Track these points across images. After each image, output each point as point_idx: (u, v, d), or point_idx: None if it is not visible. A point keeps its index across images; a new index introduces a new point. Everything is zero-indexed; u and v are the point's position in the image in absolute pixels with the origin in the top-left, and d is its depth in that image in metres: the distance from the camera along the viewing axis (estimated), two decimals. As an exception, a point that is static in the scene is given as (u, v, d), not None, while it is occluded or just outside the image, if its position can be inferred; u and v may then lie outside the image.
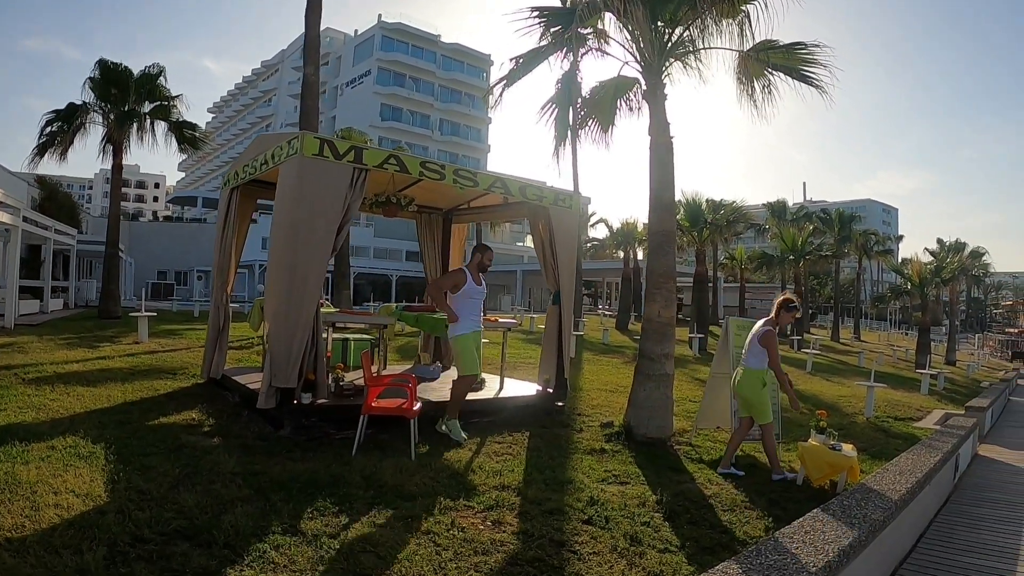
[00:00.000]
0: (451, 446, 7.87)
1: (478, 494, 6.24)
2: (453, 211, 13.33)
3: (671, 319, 9.04)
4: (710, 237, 30.19)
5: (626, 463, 7.81)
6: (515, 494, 6.36)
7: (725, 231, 31.73)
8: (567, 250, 10.24)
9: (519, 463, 7.43)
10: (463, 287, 8.22)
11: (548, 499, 6.28)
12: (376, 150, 8.36)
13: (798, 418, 11.03)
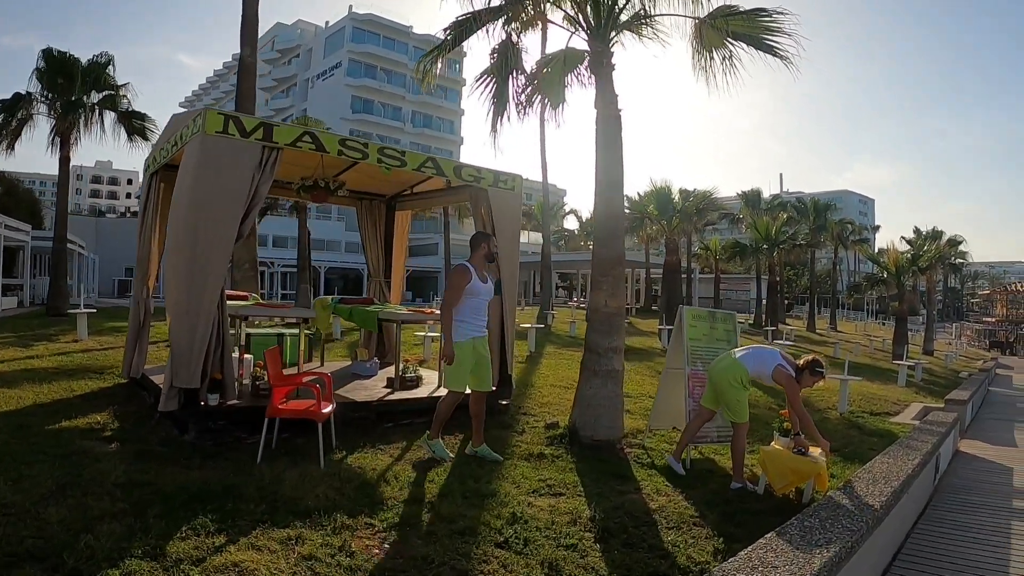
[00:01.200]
0: (371, 452, 7.06)
1: (384, 509, 5.47)
2: (396, 198, 12.43)
3: (619, 309, 8.13)
4: (680, 225, 29.31)
5: (565, 470, 6.91)
6: (427, 509, 5.55)
7: (696, 219, 30.88)
8: (509, 235, 9.35)
9: (443, 471, 6.59)
10: (468, 285, 6.92)
11: (463, 516, 5.40)
12: (288, 127, 7.65)
13: (764, 415, 10.16)
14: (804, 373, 6.70)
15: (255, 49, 16.15)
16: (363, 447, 7.21)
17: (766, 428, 8.68)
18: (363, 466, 6.58)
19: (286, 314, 9.47)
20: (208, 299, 7.18)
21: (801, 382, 6.69)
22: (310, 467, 6.26)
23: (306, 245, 27.99)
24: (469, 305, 6.99)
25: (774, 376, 6.67)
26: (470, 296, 6.97)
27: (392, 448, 7.34)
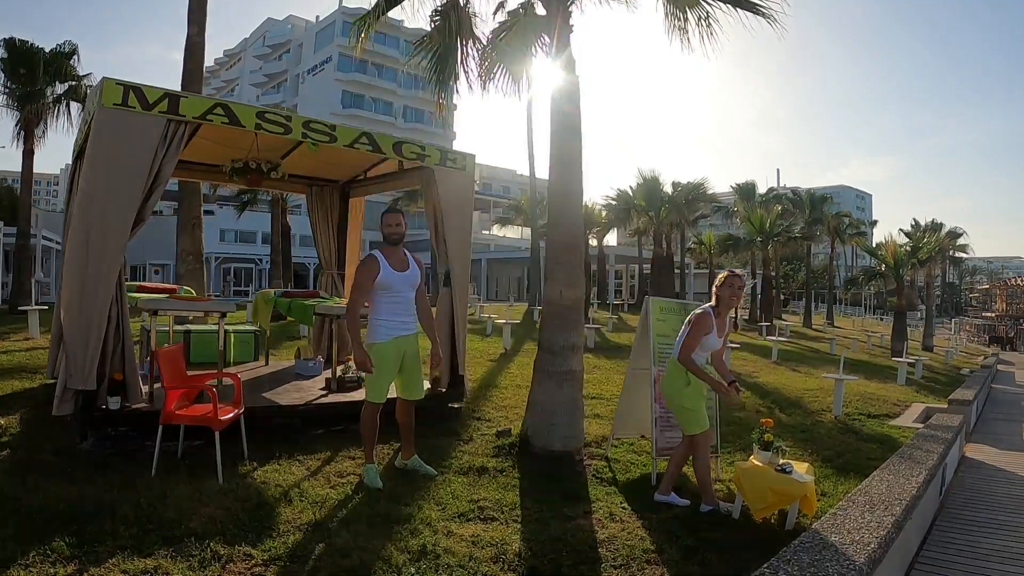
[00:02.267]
0: (286, 464, 6.22)
1: (273, 536, 4.63)
2: (351, 183, 11.38)
3: (577, 301, 7.08)
4: (668, 217, 28.16)
5: (507, 488, 5.89)
6: (323, 538, 4.64)
7: (685, 210, 29.74)
8: (458, 219, 8.34)
9: (360, 489, 5.64)
10: (378, 278, 5.83)
11: (361, 548, 4.44)
12: (198, 98, 6.84)
13: (747, 420, 9.12)
14: (723, 290, 5.70)
15: (203, 28, 15.21)
16: (279, 457, 6.33)
17: (744, 436, 7.62)
18: (270, 481, 5.70)
19: (203, 308, 8.41)
20: (103, 291, 6.33)
21: (722, 303, 5.73)
22: (208, 482, 5.48)
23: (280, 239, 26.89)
24: (385, 301, 5.93)
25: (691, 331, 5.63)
26: (384, 291, 5.90)
27: (312, 459, 6.42)
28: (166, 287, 9.39)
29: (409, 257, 6.10)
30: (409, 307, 6.03)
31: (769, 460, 5.52)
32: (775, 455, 5.55)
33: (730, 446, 7.68)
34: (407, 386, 6.12)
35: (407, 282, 5.99)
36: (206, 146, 8.79)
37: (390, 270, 5.87)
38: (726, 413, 9.61)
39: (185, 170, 10.08)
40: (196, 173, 10.54)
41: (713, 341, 5.69)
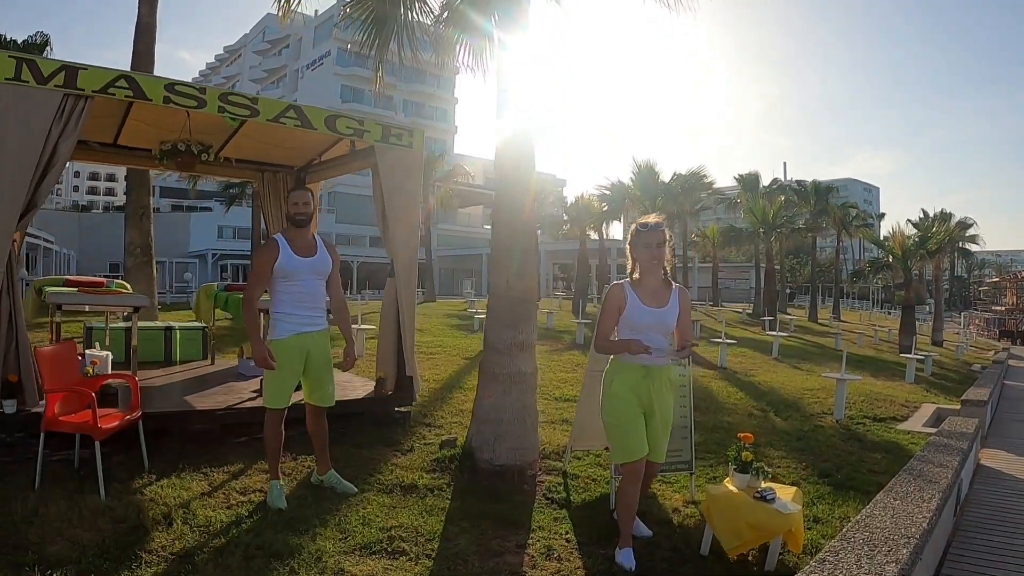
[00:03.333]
0: (187, 477, 5.47)
1: (131, 568, 3.92)
2: (307, 168, 10.39)
3: (527, 292, 6.09)
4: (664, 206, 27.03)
5: (433, 511, 4.98)
6: (184, 573, 3.89)
7: (683, 199, 28.61)
8: (404, 201, 7.36)
9: (258, 509, 4.91)
10: (276, 263, 5.00)
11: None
12: (100, 69, 6.01)
13: (739, 425, 8.12)
14: (635, 248, 4.39)
15: (153, 8, 14.28)
16: (183, 469, 5.58)
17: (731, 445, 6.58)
18: (160, 498, 4.99)
19: (112, 302, 7.49)
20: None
21: (640, 268, 4.38)
22: (91, 498, 4.85)
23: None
24: (286, 291, 5.09)
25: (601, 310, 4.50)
26: (284, 279, 5.05)
27: (221, 472, 5.64)
28: (95, 280, 8.47)
29: (319, 242, 5.26)
30: (316, 299, 5.17)
31: (747, 484, 4.51)
32: (755, 478, 4.55)
33: (713, 458, 6.70)
34: (313, 391, 5.27)
35: (313, 270, 5.11)
36: (141, 129, 8.03)
37: (292, 255, 5.04)
38: (713, 418, 8.66)
39: (118, 155, 9.33)
40: (128, 159, 9.65)
41: (641, 315, 4.28)
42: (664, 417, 4.41)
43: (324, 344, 5.20)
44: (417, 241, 7.56)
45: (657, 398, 4.34)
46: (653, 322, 4.26)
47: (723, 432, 7.87)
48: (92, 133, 8.51)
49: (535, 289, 6.13)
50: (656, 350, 4.15)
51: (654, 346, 4.13)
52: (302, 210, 5.12)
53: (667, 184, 27.20)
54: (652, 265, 4.33)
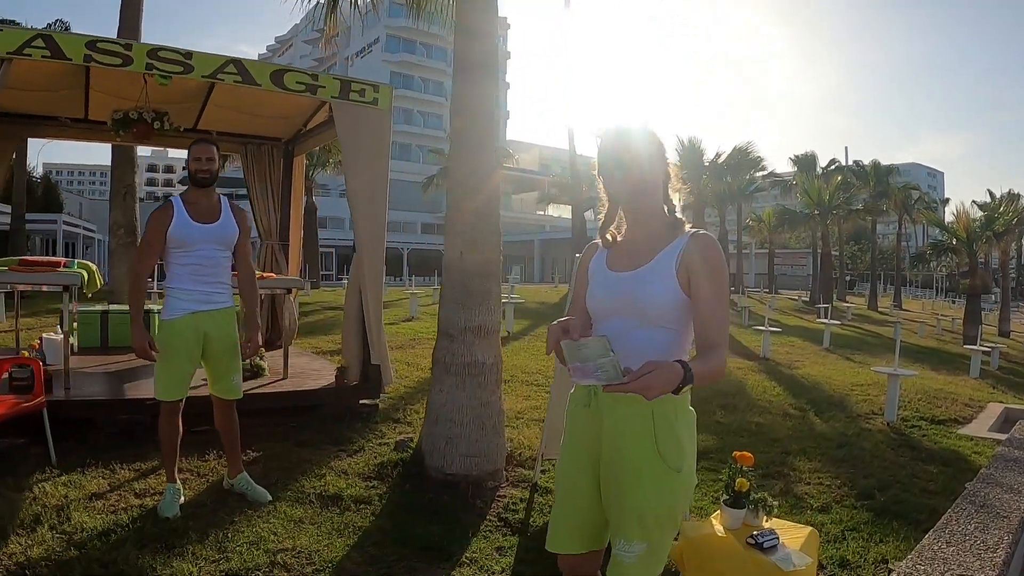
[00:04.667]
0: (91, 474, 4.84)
1: None
2: (295, 140, 9.67)
3: (485, 266, 5.11)
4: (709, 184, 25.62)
5: (348, 531, 4.08)
6: None
7: (730, 177, 27.13)
8: (367, 166, 6.50)
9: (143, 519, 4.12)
10: (169, 228, 4.21)
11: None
12: (15, 31, 5.57)
13: (772, 427, 7.12)
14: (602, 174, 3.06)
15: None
16: (91, 465, 4.95)
17: (712, 483, 5.36)
18: (44, 497, 4.38)
19: (40, 280, 6.83)
20: None
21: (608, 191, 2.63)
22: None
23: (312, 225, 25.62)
24: (180, 263, 4.27)
25: None
26: (177, 248, 4.24)
27: (130, 469, 4.95)
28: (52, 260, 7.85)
29: (224, 205, 4.41)
30: (216, 272, 4.35)
31: (741, 523, 3.43)
32: (752, 514, 3.47)
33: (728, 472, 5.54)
34: (214, 380, 4.48)
35: (212, 237, 4.29)
36: (105, 101, 7.46)
37: (188, 220, 4.24)
38: (740, 418, 7.53)
39: (89, 131, 8.87)
40: (97, 134, 8.97)
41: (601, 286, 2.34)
42: (621, 487, 2.19)
43: (226, 326, 4.38)
44: (384, 213, 6.70)
45: (611, 447, 2.23)
46: (614, 299, 2.26)
47: (749, 436, 6.77)
48: (62, 108, 8.19)
49: (495, 261, 5.21)
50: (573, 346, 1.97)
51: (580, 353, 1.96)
52: (205, 167, 4.30)
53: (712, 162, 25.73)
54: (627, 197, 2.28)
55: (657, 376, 1.82)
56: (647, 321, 2.14)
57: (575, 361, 1.94)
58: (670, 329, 2.15)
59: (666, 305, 2.13)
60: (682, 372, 1.85)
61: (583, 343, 1.92)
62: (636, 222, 2.28)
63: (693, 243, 2.14)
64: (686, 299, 2.12)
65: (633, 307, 2.16)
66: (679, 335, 2.16)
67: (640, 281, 2.17)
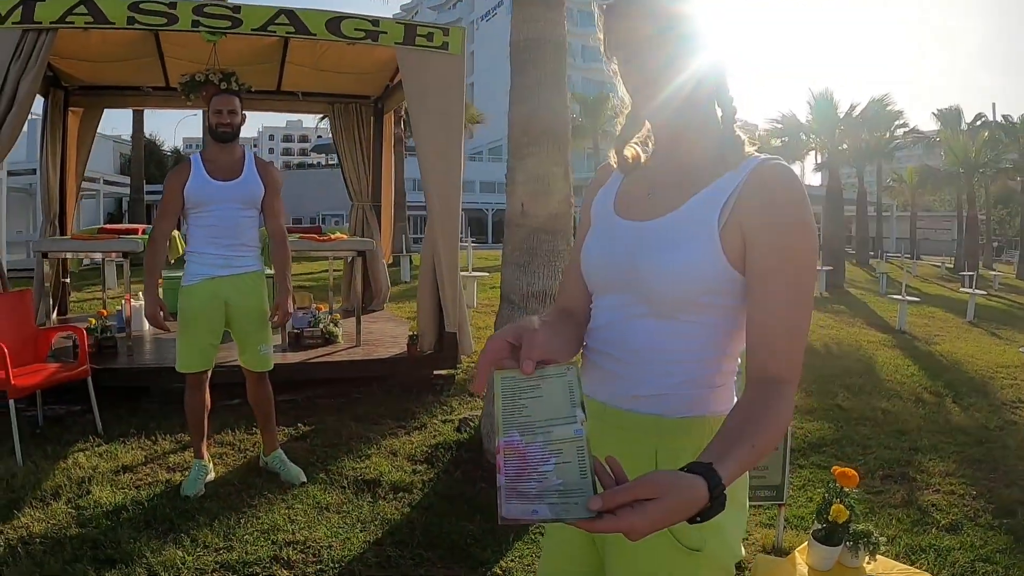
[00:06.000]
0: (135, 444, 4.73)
1: None
2: (385, 97, 9.32)
3: (552, 221, 4.50)
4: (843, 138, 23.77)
5: (373, 524, 3.65)
6: None
7: (866, 132, 25.12)
8: (438, 120, 6.02)
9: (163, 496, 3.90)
10: (185, 187, 3.89)
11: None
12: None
13: (902, 413, 6.23)
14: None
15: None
16: (134, 435, 4.84)
17: (850, 462, 4.70)
18: (74, 467, 4.27)
19: (97, 247, 6.74)
20: None
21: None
22: (7, 462, 4.30)
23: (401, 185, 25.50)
24: (198, 224, 3.96)
25: None
26: (195, 209, 3.93)
27: (172, 440, 4.80)
28: (131, 227, 7.87)
29: (248, 161, 4.05)
30: (238, 233, 3.99)
31: (835, 562, 2.71)
32: (851, 552, 2.72)
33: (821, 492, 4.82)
34: (241, 351, 4.16)
35: (232, 196, 3.93)
36: (178, 66, 7.40)
37: (205, 178, 3.93)
38: (864, 402, 6.57)
39: (158, 98, 8.91)
40: (167, 100, 8.92)
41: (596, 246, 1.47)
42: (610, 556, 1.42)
43: (250, 292, 4.02)
44: (460, 172, 6.21)
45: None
46: (611, 265, 1.41)
47: (872, 426, 5.80)
48: (143, 78, 8.28)
49: (564, 216, 4.62)
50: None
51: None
52: (226, 120, 3.94)
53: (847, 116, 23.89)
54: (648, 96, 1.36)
55: (655, 511, 0.95)
56: (662, 310, 1.31)
57: (511, 425, 1.06)
58: (699, 323, 1.30)
59: (693, 287, 1.27)
60: (705, 492, 0.99)
61: (532, 378, 1.10)
62: (668, 140, 1.41)
63: (756, 182, 1.26)
64: (736, 277, 1.27)
65: (636, 284, 1.33)
66: (717, 334, 1.31)
67: (655, 240, 1.32)
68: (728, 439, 1.10)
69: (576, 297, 1.52)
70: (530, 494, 0.99)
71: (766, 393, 1.19)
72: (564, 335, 1.35)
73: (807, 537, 3.09)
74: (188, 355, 3.95)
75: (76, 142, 8.22)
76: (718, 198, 1.28)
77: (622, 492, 0.96)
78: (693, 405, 1.32)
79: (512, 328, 1.17)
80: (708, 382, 1.33)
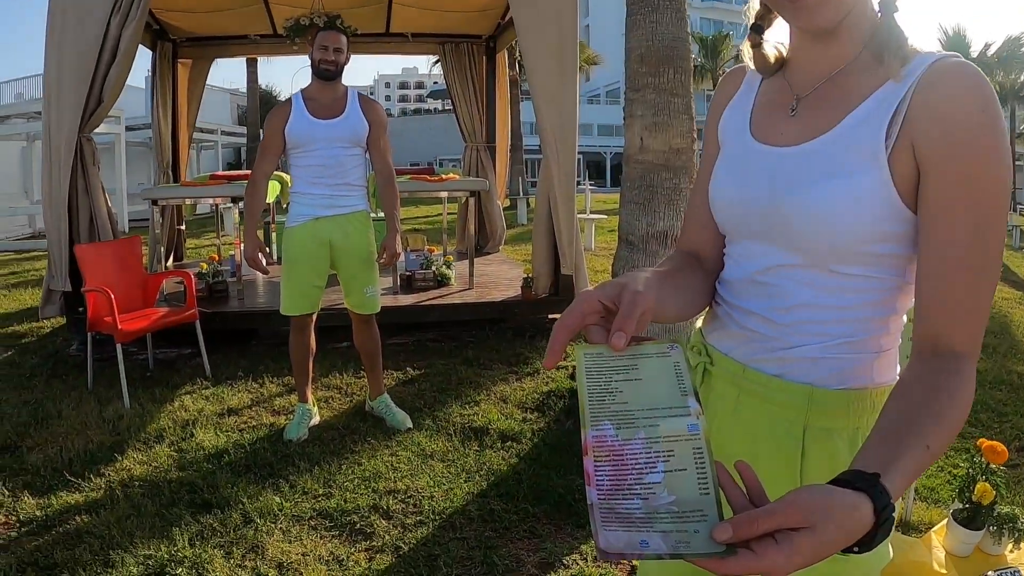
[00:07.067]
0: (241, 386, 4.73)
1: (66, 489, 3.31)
2: (496, 34, 9.02)
3: (676, 156, 4.11)
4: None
5: (478, 475, 3.47)
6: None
7: (1000, 74, 23.24)
8: (547, 55, 5.63)
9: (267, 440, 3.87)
10: (286, 127, 3.74)
11: None
12: None
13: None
14: None
15: None
16: (242, 378, 4.86)
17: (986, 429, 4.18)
18: (179, 410, 4.29)
19: (203, 193, 6.70)
20: (56, 183, 5.31)
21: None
22: (115, 404, 4.34)
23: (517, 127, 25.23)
24: (300, 165, 3.82)
25: None
26: (296, 149, 3.78)
27: (280, 383, 4.76)
28: (243, 174, 7.88)
29: (351, 98, 3.88)
30: (341, 173, 3.83)
31: (974, 547, 2.36)
32: (994, 538, 2.35)
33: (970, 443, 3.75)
34: (346, 293, 4.01)
35: (334, 134, 3.77)
36: (284, 12, 7.44)
37: (306, 117, 3.76)
38: (999, 365, 5.80)
39: (266, 46, 9.00)
40: (273, 47, 9.02)
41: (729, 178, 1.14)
42: None
43: (355, 233, 3.85)
44: (575, 109, 5.82)
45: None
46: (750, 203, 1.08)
47: (1008, 391, 5.05)
48: (251, 26, 8.33)
49: (686, 151, 4.21)
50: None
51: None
52: (331, 57, 3.75)
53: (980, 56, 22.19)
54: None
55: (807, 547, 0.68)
56: (815, 260, 1.01)
57: (601, 415, 0.77)
58: (862, 276, 1.00)
59: (855, 232, 0.97)
60: (870, 516, 0.72)
61: (625, 356, 0.81)
62: (812, 41, 1.05)
63: (931, 89, 0.92)
64: (909, 216, 0.96)
65: (781, 228, 1.03)
66: (884, 288, 1.01)
67: (804, 172, 1.00)
68: (894, 437, 0.82)
69: (703, 239, 1.21)
70: (634, 516, 0.70)
71: (941, 371, 0.89)
72: (686, 290, 1.10)
73: (937, 512, 2.71)
74: (292, 297, 3.86)
75: (186, 93, 8.38)
76: (882, 113, 0.95)
77: (762, 518, 0.68)
78: (853, 374, 1.03)
79: (610, 286, 0.86)
80: (871, 345, 1.03)
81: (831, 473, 0.81)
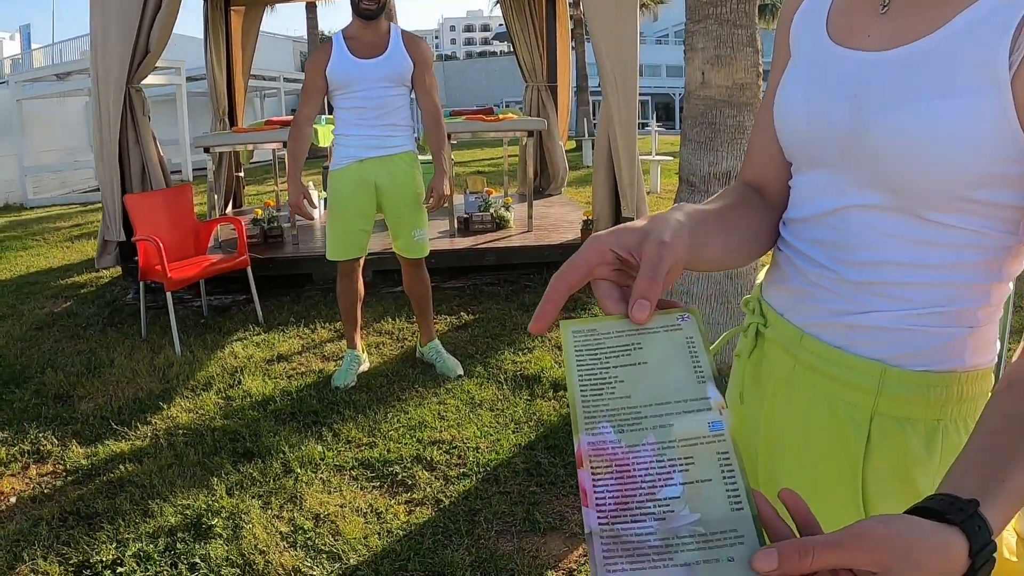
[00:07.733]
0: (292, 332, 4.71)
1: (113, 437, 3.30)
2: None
3: (740, 92, 3.83)
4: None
5: (527, 425, 3.34)
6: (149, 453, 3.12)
7: None
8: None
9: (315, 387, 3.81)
10: (327, 69, 3.60)
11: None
12: None
13: None
14: None
15: None
16: (294, 324, 4.83)
17: None
18: (229, 357, 4.28)
19: (252, 139, 6.64)
20: (106, 135, 5.37)
21: None
22: (167, 352, 4.37)
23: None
24: (344, 106, 3.67)
25: None
26: (338, 91, 3.63)
27: (329, 329, 4.71)
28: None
29: (394, 36, 3.68)
30: (386, 113, 3.67)
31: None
32: None
33: None
34: (394, 237, 3.90)
35: (377, 74, 3.59)
36: None
37: (347, 57, 3.60)
38: None
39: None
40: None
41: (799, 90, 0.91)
42: None
43: (401, 174, 3.70)
44: (635, 47, 5.54)
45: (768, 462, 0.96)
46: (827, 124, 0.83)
47: None
48: None
49: (752, 86, 3.92)
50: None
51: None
52: None
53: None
54: None
55: None
56: (904, 203, 0.79)
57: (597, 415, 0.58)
58: (963, 227, 0.77)
59: (961, 169, 0.73)
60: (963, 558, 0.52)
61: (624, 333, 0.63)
62: None
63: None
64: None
65: (863, 156, 0.80)
66: (991, 246, 0.78)
67: (898, 85, 0.76)
68: (1000, 450, 0.61)
69: (769, 168, 0.97)
70: (647, 545, 0.52)
71: None
72: (737, 231, 0.86)
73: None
74: (338, 242, 3.75)
75: (240, 40, 8.24)
76: (1007, 15, 0.69)
77: (819, 549, 0.49)
78: (938, 352, 0.80)
79: (628, 232, 0.65)
80: (966, 318, 0.80)
81: (900, 478, 0.62)
